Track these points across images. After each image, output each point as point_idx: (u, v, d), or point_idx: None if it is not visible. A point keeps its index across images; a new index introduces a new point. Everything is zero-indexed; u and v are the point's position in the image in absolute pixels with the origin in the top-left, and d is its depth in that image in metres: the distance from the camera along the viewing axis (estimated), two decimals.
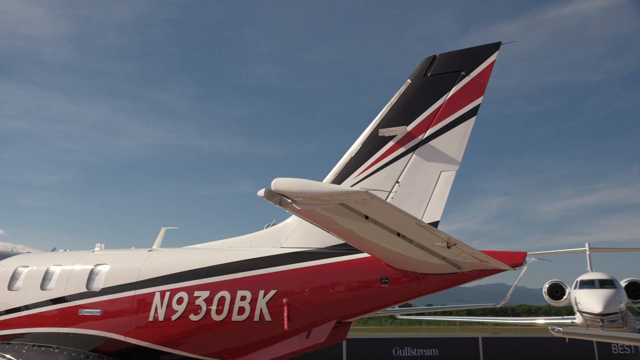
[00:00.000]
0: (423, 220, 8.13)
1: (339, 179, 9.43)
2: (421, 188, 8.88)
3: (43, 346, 10.46)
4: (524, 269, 18.93)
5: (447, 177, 8.82)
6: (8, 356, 10.41)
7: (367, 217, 6.36)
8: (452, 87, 9.12)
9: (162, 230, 11.98)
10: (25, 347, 10.57)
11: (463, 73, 9.15)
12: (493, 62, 9.07)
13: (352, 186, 9.07)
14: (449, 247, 7.03)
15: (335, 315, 9.04)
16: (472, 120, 8.99)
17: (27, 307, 10.92)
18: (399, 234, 6.89)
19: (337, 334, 9.42)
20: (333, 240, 9.05)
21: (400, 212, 6.27)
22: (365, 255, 8.70)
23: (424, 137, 9.09)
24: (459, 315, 53.00)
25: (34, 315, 10.80)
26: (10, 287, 11.39)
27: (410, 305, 39.82)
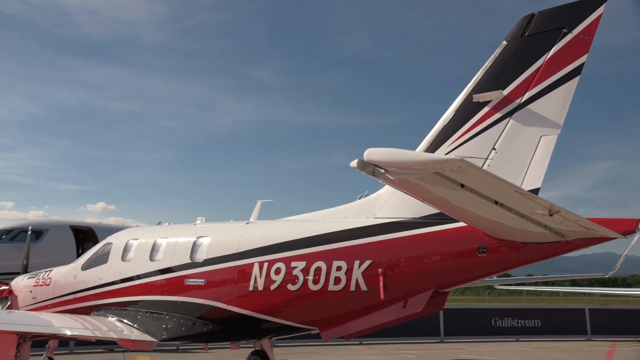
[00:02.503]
0: (522, 187, 7.80)
1: (432, 147, 9.24)
2: (519, 154, 8.51)
3: (155, 313, 11.21)
4: (636, 237, 17.81)
5: (548, 141, 8.38)
6: (125, 321, 11.30)
7: (462, 186, 6.18)
8: (552, 47, 8.58)
9: (258, 203, 12.34)
10: (139, 314, 11.39)
11: (565, 30, 8.56)
12: (599, 17, 8.41)
13: (446, 154, 8.85)
14: (551, 215, 6.71)
15: (431, 285, 8.97)
16: (576, 80, 8.43)
17: (138, 277, 11.72)
18: (496, 202, 6.66)
19: (434, 303, 9.37)
20: (428, 209, 8.91)
21: (497, 179, 6.05)
22: (461, 224, 8.51)
23: (522, 100, 8.66)
24: (563, 286, 50.79)
25: (144, 284, 11.58)
26: (123, 259, 12.27)
27: (509, 275, 38.56)
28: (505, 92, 8.75)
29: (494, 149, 8.67)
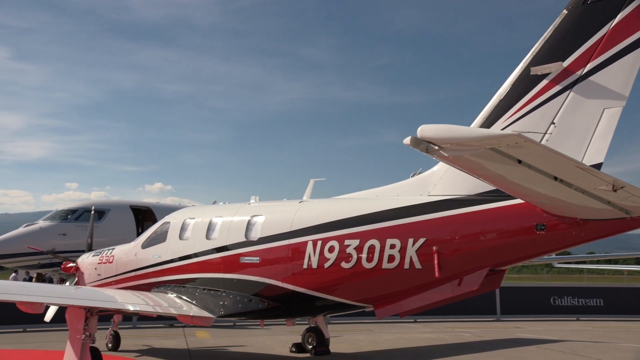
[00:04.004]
0: (583, 162, 7.50)
1: (488, 122, 8.99)
2: (580, 128, 8.17)
3: (212, 290, 11.50)
4: None
5: (611, 114, 7.99)
6: (184, 297, 11.65)
7: (520, 162, 6.00)
8: (617, 14, 8.12)
9: (311, 182, 12.40)
10: (197, 290, 11.72)
11: None
12: None
13: (502, 130, 8.60)
14: (615, 191, 6.43)
15: (487, 263, 8.82)
16: None
17: (195, 255, 12.02)
18: (556, 178, 6.44)
19: (490, 281, 9.21)
20: (483, 186, 8.72)
21: (557, 154, 5.83)
22: (518, 201, 8.29)
23: (583, 72, 8.28)
24: (627, 264, 48.92)
25: (201, 262, 11.88)
26: (181, 237, 12.60)
27: (568, 253, 37.52)
28: (566, 63, 8.39)
29: (552, 123, 8.36)
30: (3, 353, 14.14)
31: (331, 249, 9.86)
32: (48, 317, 13.63)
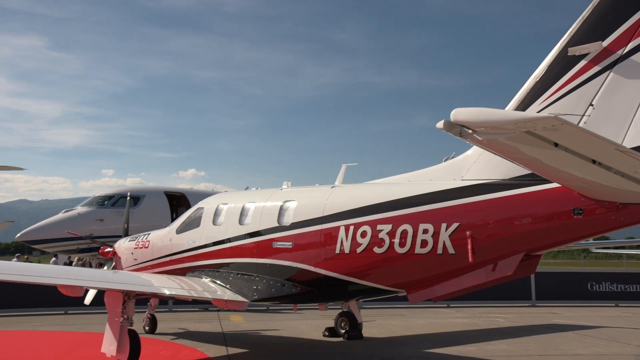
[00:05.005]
0: (623, 145, 7.29)
1: (523, 105, 8.80)
2: (620, 110, 7.93)
3: (245, 274, 11.63)
4: None
5: None
6: (218, 282, 11.82)
7: (556, 145, 5.86)
8: None
9: (343, 167, 12.37)
10: (231, 275, 11.87)
11: None
12: None
13: (538, 112, 8.42)
14: None
15: (522, 248, 8.69)
16: None
17: (229, 240, 12.16)
18: (594, 162, 6.28)
19: (525, 267, 9.07)
20: (518, 170, 8.57)
21: (595, 137, 5.68)
22: (554, 185, 8.12)
23: (624, 52, 8.01)
24: None
25: (235, 247, 12.01)
26: (214, 223, 12.76)
27: (606, 238, 36.71)
28: (605, 43, 8.13)
29: (591, 104, 8.14)
30: (46, 334, 14.63)
31: (363, 234, 9.85)
32: (88, 300, 14.00)
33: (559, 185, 8.02)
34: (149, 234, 14.81)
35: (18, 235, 25.00)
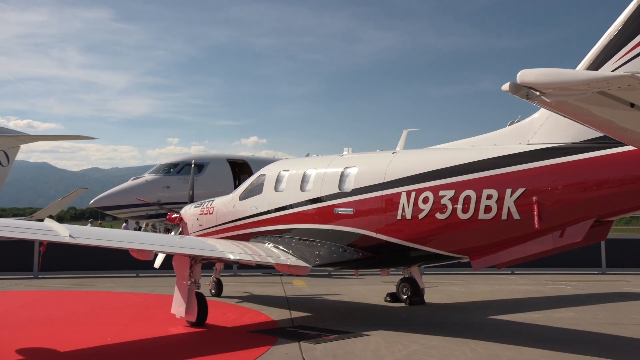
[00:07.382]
0: None
1: (595, 65, 8.34)
2: None
3: (307, 240, 11.79)
4: None
5: None
6: (281, 247, 12.05)
7: (632, 105, 5.54)
8: None
9: (404, 133, 12.20)
10: (293, 241, 12.06)
11: None
12: None
13: (612, 71, 7.96)
14: None
15: (592, 214, 8.39)
16: None
17: (291, 206, 12.33)
18: None
19: (595, 233, 8.77)
20: (589, 133, 8.20)
21: None
22: (629, 148, 7.74)
23: None
24: None
25: (297, 213, 12.17)
26: (276, 189, 12.95)
27: None
28: None
29: None
30: (119, 295, 15.41)
31: (425, 200, 9.75)
32: (157, 263, 14.58)
33: (634, 148, 7.63)
34: (213, 200, 15.19)
35: (91, 202, 26.28)
